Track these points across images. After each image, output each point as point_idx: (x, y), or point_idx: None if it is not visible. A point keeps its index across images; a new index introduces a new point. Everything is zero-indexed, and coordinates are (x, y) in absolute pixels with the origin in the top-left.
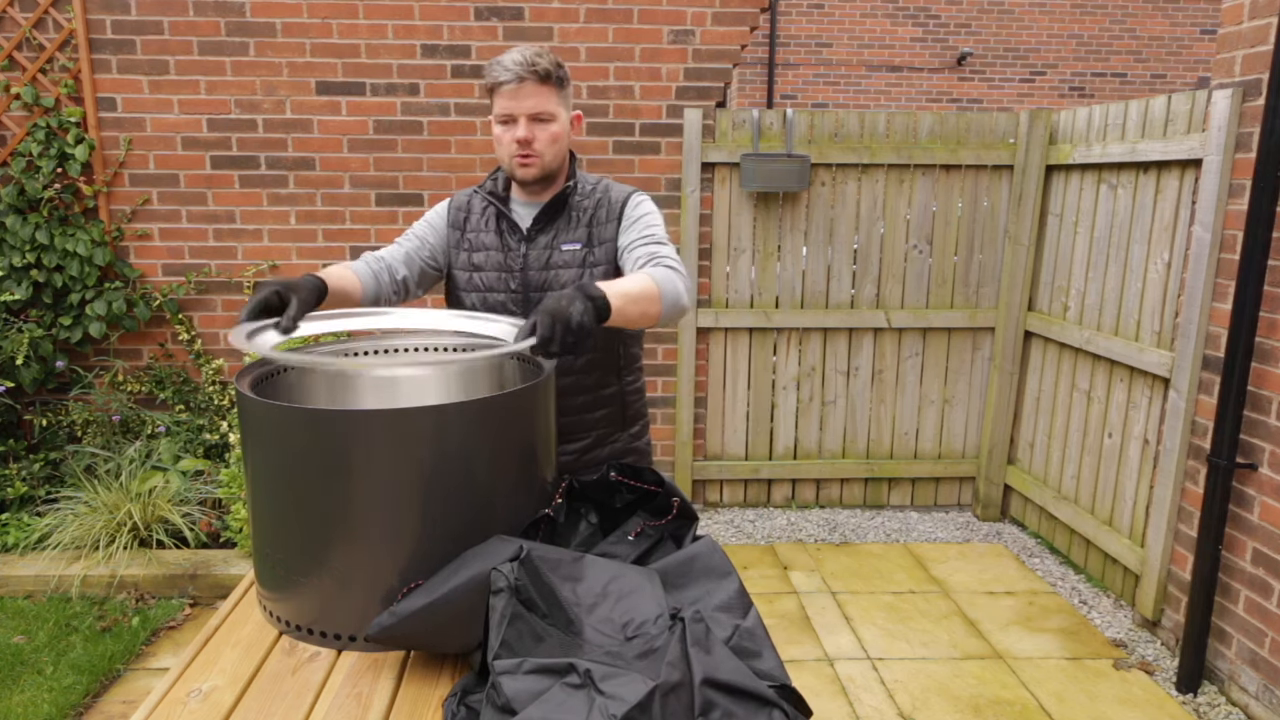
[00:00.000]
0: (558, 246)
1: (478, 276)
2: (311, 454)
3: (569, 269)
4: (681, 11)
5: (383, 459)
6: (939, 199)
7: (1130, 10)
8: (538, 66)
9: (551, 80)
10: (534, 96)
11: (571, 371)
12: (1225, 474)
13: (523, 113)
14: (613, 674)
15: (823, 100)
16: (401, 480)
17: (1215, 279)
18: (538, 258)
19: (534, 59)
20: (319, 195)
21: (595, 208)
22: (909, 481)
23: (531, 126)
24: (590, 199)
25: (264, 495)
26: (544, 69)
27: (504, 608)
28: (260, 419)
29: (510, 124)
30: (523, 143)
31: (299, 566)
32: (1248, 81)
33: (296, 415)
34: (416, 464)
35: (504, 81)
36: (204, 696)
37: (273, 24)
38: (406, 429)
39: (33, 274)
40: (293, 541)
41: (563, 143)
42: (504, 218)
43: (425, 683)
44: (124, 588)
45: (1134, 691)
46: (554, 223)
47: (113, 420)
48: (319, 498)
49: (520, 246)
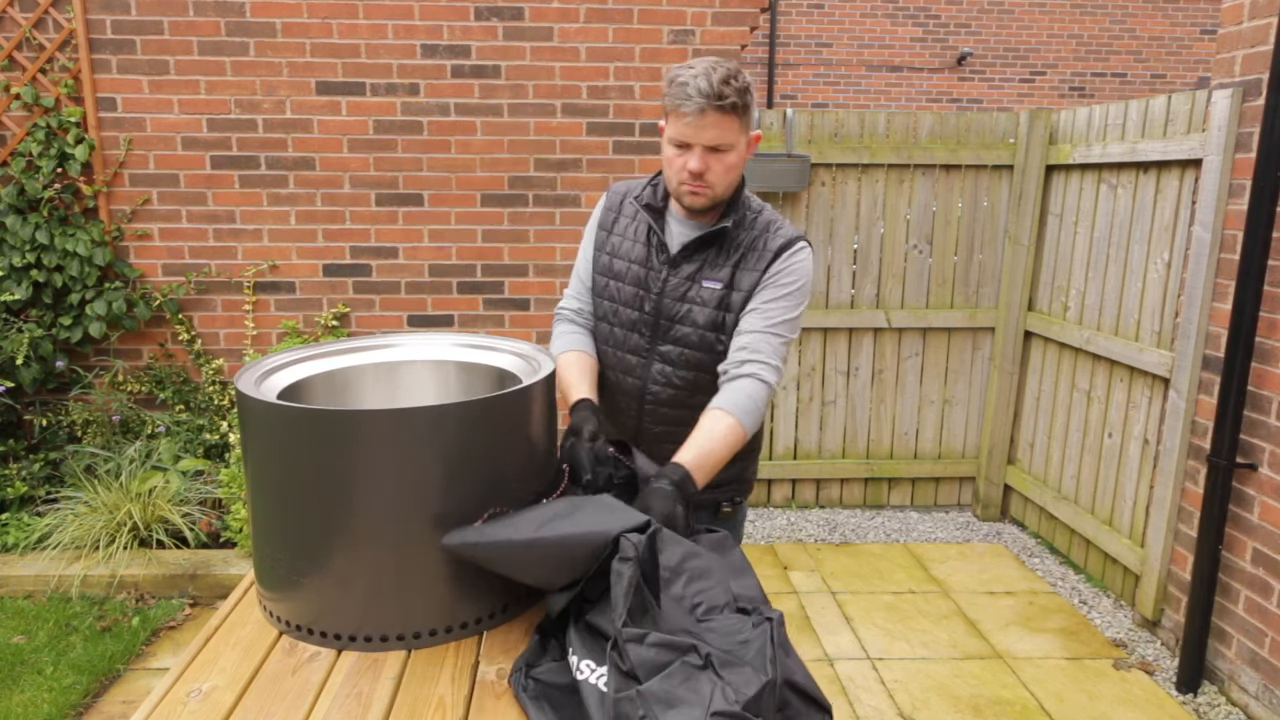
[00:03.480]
0: (699, 280)
1: (614, 285)
2: (312, 453)
3: (705, 308)
4: (681, 11)
5: (384, 459)
6: (939, 199)
7: (1130, 10)
8: (725, 99)
9: (736, 111)
10: (715, 127)
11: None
12: (1225, 474)
13: (700, 143)
14: (728, 661)
15: (823, 100)
16: (403, 480)
17: (1215, 279)
18: (677, 287)
19: (721, 89)
20: (319, 195)
21: (748, 248)
22: (909, 481)
23: (707, 157)
24: (747, 235)
25: (264, 495)
26: (731, 101)
27: (631, 576)
28: (260, 418)
29: (684, 150)
30: (695, 174)
31: (299, 566)
32: (1248, 81)
33: (297, 415)
34: (417, 463)
35: (685, 111)
36: (204, 696)
37: (273, 24)
38: (407, 428)
39: (33, 274)
40: (292, 541)
41: (738, 170)
42: (654, 234)
43: (425, 683)
44: (124, 588)
45: (1134, 691)
46: (703, 253)
47: (113, 420)
48: (319, 497)
49: (664, 270)
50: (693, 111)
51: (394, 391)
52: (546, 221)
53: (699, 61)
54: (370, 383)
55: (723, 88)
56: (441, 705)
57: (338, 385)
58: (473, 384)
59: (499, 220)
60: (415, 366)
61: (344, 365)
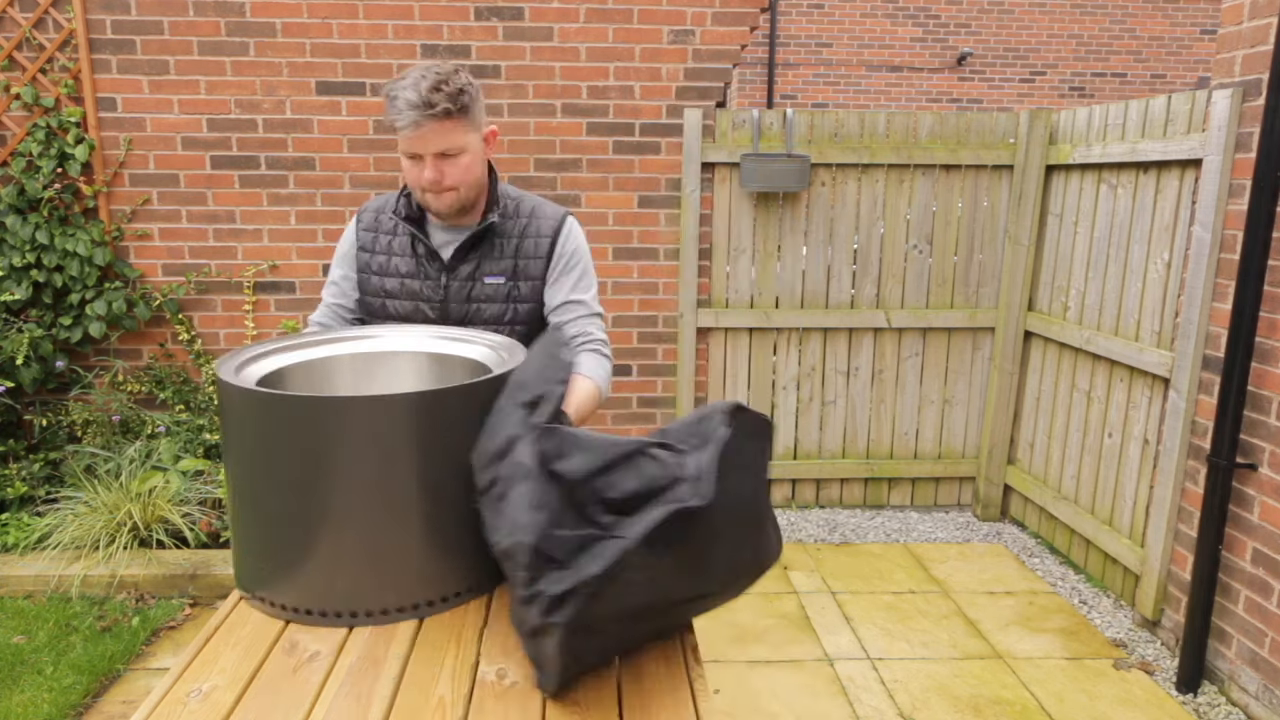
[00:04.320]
0: (480, 279)
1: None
2: (289, 438)
3: (493, 303)
4: (681, 11)
5: (358, 444)
6: (939, 199)
7: (1130, 10)
8: (435, 106)
9: (454, 114)
10: (436, 135)
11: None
12: (1225, 474)
13: (428, 152)
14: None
15: (823, 100)
16: (377, 464)
17: (1215, 279)
18: (459, 290)
19: (429, 97)
20: (319, 195)
21: (521, 236)
22: (909, 481)
23: (439, 164)
24: (515, 223)
25: (243, 480)
26: (442, 108)
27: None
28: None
29: (417, 160)
30: (433, 182)
31: (280, 549)
32: (1248, 81)
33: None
34: (389, 448)
35: (400, 127)
36: (204, 696)
37: (273, 24)
38: (381, 414)
39: (33, 274)
40: (271, 525)
41: (477, 169)
42: (420, 243)
43: (425, 683)
44: (124, 588)
45: (1134, 691)
46: (476, 251)
47: (113, 420)
48: (297, 481)
49: (441, 276)
50: (408, 124)
51: (370, 381)
52: None
53: (410, 72)
54: (347, 372)
55: (432, 95)
56: (441, 705)
57: (315, 375)
58: (446, 374)
59: None
60: (391, 357)
61: (322, 356)
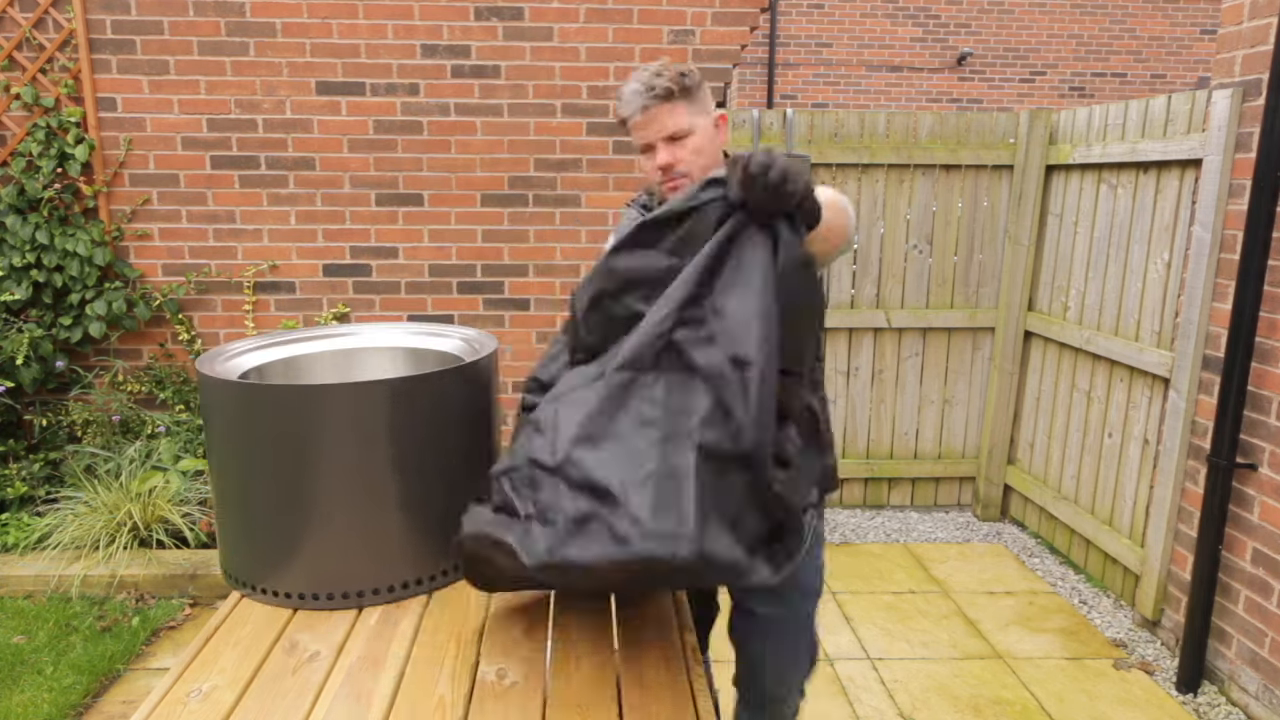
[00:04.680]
0: None
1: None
2: (270, 427)
3: None
4: (681, 11)
5: (336, 429)
6: (939, 199)
7: (1130, 10)
8: (656, 88)
9: (675, 96)
10: (663, 118)
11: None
12: (1225, 474)
13: (657, 138)
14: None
15: (823, 100)
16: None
17: (1215, 279)
18: None
19: (651, 81)
20: (319, 195)
21: None
22: (909, 481)
23: (670, 149)
24: None
25: (226, 471)
26: (663, 88)
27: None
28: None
29: (650, 152)
30: (665, 168)
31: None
32: (1248, 81)
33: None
34: (365, 433)
35: (629, 116)
36: (204, 696)
37: (273, 24)
38: (357, 400)
39: (33, 274)
40: (257, 511)
41: (709, 151)
42: None
43: (425, 682)
44: (124, 588)
45: (1134, 691)
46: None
47: (113, 420)
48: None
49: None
50: (636, 111)
51: (348, 374)
52: (546, 222)
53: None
54: (326, 367)
55: (654, 80)
56: (441, 705)
57: (295, 370)
58: (419, 366)
59: (499, 220)
60: (369, 353)
61: (302, 352)
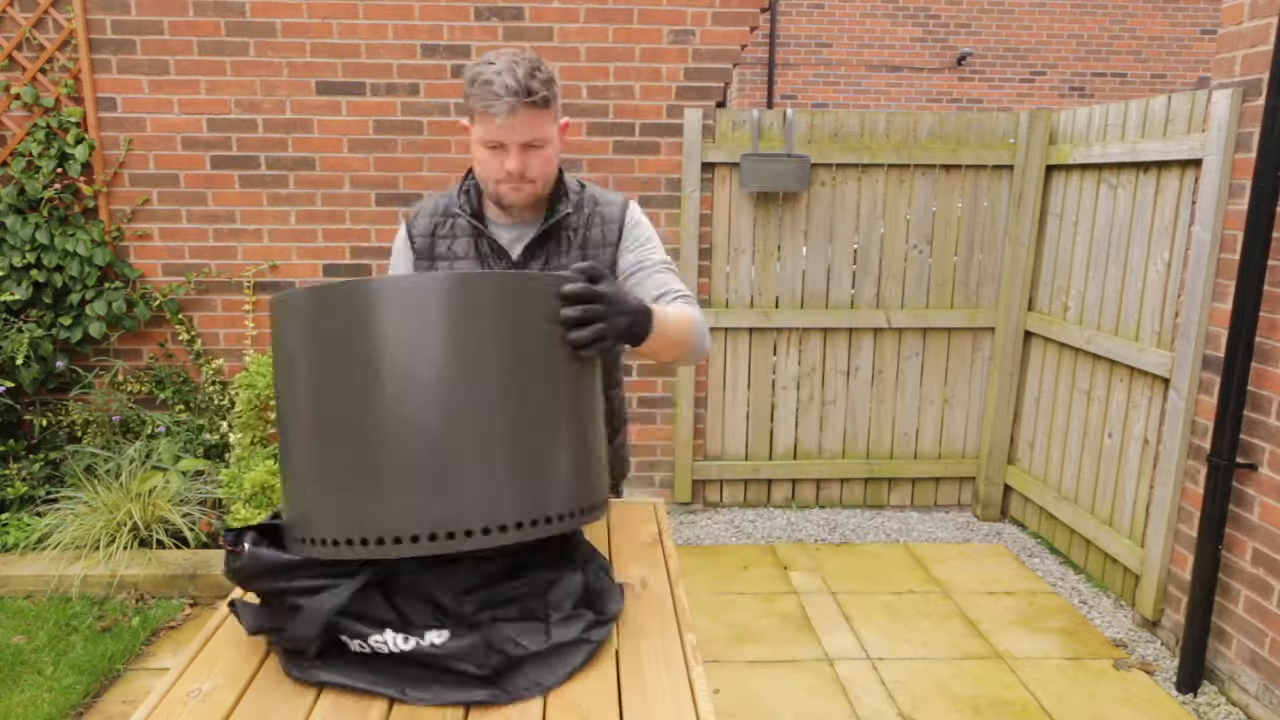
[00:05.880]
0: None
1: None
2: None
3: None
4: (681, 11)
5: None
6: (939, 199)
7: (1130, 10)
8: (535, 95)
9: (548, 103)
10: (528, 124)
11: None
12: (1225, 474)
13: (515, 141)
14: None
15: (823, 100)
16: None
17: (1215, 279)
18: None
19: (529, 84)
20: (319, 195)
21: (587, 226)
22: (909, 481)
23: (524, 155)
24: (580, 214)
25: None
26: (541, 96)
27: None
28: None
29: (498, 149)
30: (515, 174)
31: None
32: (1248, 81)
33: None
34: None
35: (492, 111)
36: (204, 696)
37: (273, 24)
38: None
39: (33, 274)
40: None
41: (555, 162)
42: (487, 241)
43: None
44: (124, 588)
45: (1134, 691)
46: (544, 247)
47: (113, 420)
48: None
49: None
50: (504, 111)
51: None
52: None
53: (498, 56)
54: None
55: (530, 83)
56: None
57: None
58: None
59: None
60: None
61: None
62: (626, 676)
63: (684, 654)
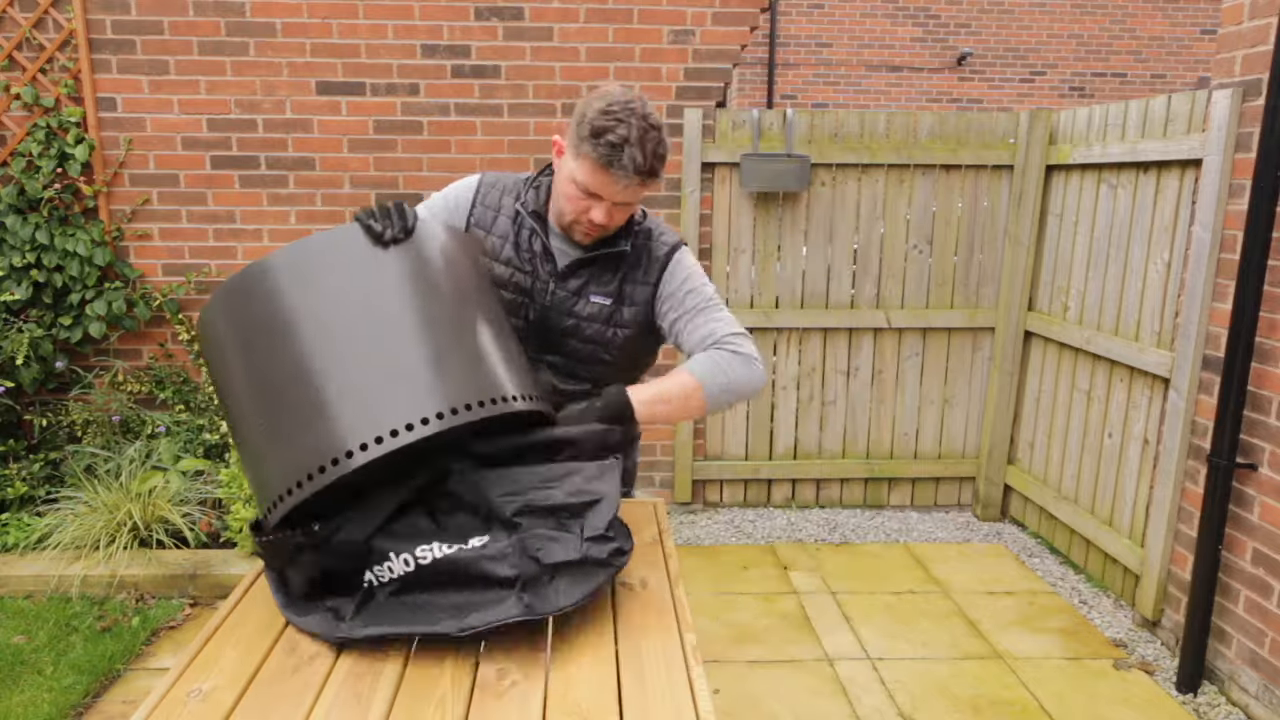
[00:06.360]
0: (587, 295)
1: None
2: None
3: (593, 323)
4: (681, 11)
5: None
6: (939, 199)
7: (1130, 10)
8: (654, 173)
9: (655, 177)
10: (630, 192)
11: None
12: (1225, 474)
13: (612, 199)
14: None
15: (823, 100)
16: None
17: (1215, 279)
18: (564, 300)
19: (654, 164)
20: (319, 195)
21: (634, 258)
22: (909, 481)
23: (610, 211)
24: (629, 244)
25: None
26: (652, 173)
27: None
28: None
29: (590, 197)
30: (599, 225)
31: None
32: (1248, 81)
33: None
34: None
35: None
36: (204, 696)
37: (273, 24)
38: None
39: (33, 274)
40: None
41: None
42: (540, 240)
43: (425, 683)
44: (124, 588)
45: (1134, 691)
46: (588, 269)
47: (113, 420)
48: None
49: (550, 282)
50: (620, 175)
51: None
52: None
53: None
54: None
55: (655, 163)
56: (441, 705)
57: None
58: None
59: None
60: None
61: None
62: (626, 676)
63: (684, 654)
